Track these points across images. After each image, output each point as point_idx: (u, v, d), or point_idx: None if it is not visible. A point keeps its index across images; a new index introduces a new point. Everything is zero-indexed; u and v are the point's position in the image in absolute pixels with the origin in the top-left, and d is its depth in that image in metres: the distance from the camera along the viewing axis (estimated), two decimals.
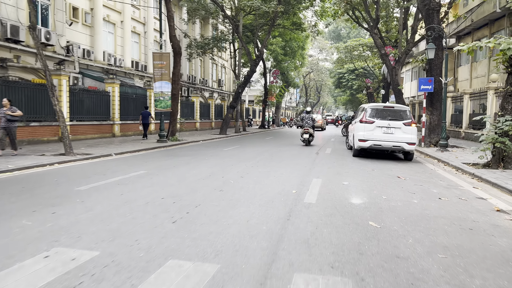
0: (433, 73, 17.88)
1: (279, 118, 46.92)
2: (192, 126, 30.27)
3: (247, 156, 12.18)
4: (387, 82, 38.22)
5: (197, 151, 13.87)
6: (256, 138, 22.89)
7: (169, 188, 6.75)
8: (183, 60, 33.40)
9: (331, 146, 17.48)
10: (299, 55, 44.67)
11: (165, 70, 18.04)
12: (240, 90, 26.04)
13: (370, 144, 12.04)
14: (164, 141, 17.62)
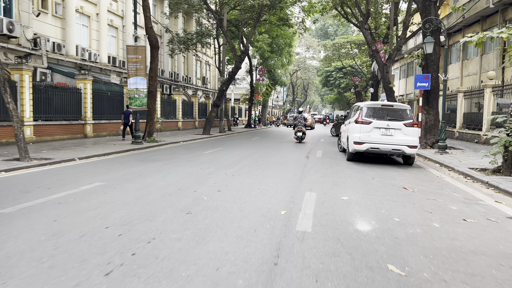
0: (429, 70, 16.65)
1: (265, 117, 45.49)
2: (174, 125, 28.60)
3: (229, 161, 10.67)
4: (376, 80, 37.12)
5: (173, 155, 12.30)
6: (241, 139, 21.40)
7: (121, 210, 5.21)
8: (165, 56, 31.70)
9: (321, 148, 16.10)
10: (286, 53, 43.28)
11: (140, 65, 16.40)
12: (225, 88, 24.49)
13: (367, 147, 10.67)
14: (140, 143, 16.01)
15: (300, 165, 10.17)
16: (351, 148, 11.10)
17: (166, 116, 27.62)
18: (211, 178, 7.82)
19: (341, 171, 9.32)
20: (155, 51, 17.53)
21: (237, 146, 16.15)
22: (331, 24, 66.37)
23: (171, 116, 28.21)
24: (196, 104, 32.59)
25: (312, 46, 58.80)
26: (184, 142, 18.72)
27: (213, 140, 20.21)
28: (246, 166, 9.76)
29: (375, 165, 10.75)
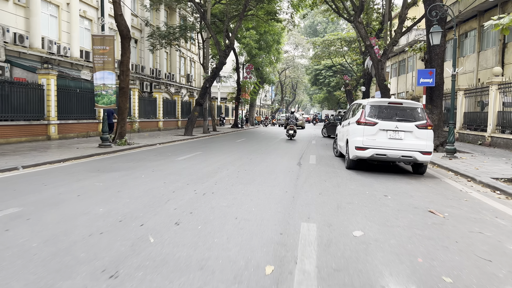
0: (433, 64, 14.88)
1: (253, 117, 43.50)
2: (154, 125, 26.42)
3: (204, 172, 8.65)
4: (368, 78, 35.44)
5: (139, 162, 10.23)
6: (226, 141, 19.37)
7: (12, 268, 3.17)
8: (145, 52, 29.48)
9: (314, 151, 14.17)
10: (275, 50, 41.35)
11: (108, 57, 14.24)
12: (208, 85, 22.44)
13: (372, 153, 8.76)
14: (108, 146, 13.89)
15: (291, 177, 8.21)
16: (352, 154, 9.18)
17: (146, 116, 25.45)
18: (173, 199, 5.80)
19: (343, 185, 7.38)
20: (126, 42, 15.40)
21: (219, 149, 14.12)
22: (320, 22, 64.64)
23: (151, 116, 26.02)
24: (178, 102, 30.41)
25: (301, 44, 56.90)
26: (160, 144, 16.62)
27: (193, 142, 18.15)
28: (224, 178, 7.75)
29: (381, 175, 8.85)
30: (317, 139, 22.01)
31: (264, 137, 22.59)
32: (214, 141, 19.22)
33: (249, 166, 9.54)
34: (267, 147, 15.55)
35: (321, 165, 10.29)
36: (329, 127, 24.59)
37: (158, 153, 12.61)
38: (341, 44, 41.72)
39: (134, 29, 28.37)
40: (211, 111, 29.08)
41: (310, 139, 22.05)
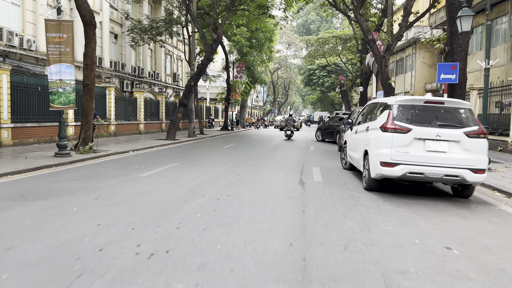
0: (455, 57, 12.46)
1: (244, 118, 40.91)
2: (134, 128, 23.69)
3: (169, 201, 6.04)
4: (366, 78, 33.12)
5: (89, 181, 7.58)
6: (211, 147, 16.78)
7: None
8: (127, 48, 26.74)
9: (316, 161, 11.64)
10: (267, 48, 38.84)
11: (65, 48, 11.57)
12: (193, 83, 19.82)
13: (404, 171, 6.26)
14: (66, 155, 11.26)
15: (294, 208, 5.63)
16: (374, 171, 6.67)
17: (126, 118, 22.74)
18: (88, 274, 3.20)
19: (374, 225, 4.84)
20: (91, 30, 12.72)
21: (201, 160, 11.51)
22: (313, 21, 62.37)
23: (131, 118, 23.31)
24: (162, 103, 27.70)
25: (294, 43, 54.47)
26: (134, 151, 13.99)
27: (173, 149, 15.52)
28: (195, 214, 5.16)
29: (414, 200, 6.34)
30: (314, 144, 19.53)
31: (256, 142, 20.03)
32: (198, 147, 16.61)
33: (235, 188, 6.95)
34: (259, 156, 13.00)
35: (330, 183, 7.75)
36: (324, 130, 22.23)
37: (123, 165, 9.98)
38: (336, 42, 39.39)
39: (114, 23, 25.66)
40: (198, 112, 26.46)
41: (306, 143, 19.56)
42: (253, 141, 20.45)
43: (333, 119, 21.97)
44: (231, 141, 20.53)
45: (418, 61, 35.25)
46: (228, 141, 20.09)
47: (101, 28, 24.01)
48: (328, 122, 22.27)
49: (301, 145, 18.28)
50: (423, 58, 35.53)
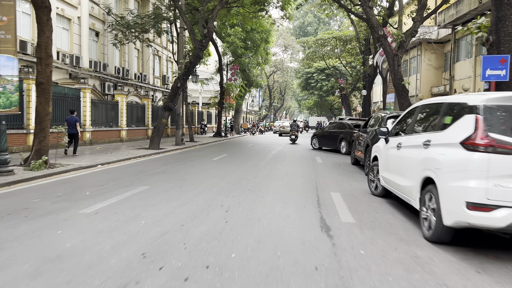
0: (502, 49, 9.83)
1: (239, 124, 38.19)
2: (115, 135, 20.84)
3: (97, 282, 3.27)
4: (369, 80, 30.59)
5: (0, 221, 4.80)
6: (199, 159, 14.01)
7: None
8: (109, 47, 23.94)
9: (331, 180, 8.87)
10: (262, 50, 36.26)
11: (5, 34, 8.81)
12: (180, 84, 17.07)
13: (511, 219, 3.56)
14: (8, 173, 8.51)
15: None
16: (453, 216, 3.94)
17: (105, 124, 19.92)
18: None
19: None
20: (43, 14, 9.95)
21: (179, 181, 8.71)
22: (310, 23, 60.05)
23: (111, 124, 20.48)
24: (149, 107, 24.88)
25: (290, 45, 51.96)
26: (104, 165, 11.21)
27: (152, 162, 12.72)
28: None
29: None
30: (319, 154, 16.82)
31: (252, 151, 17.28)
32: (183, 158, 13.84)
33: (219, 247, 4.07)
34: (257, 172, 10.23)
35: (368, 227, 4.98)
36: (322, 137, 19.49)
37: (71, 190, 7.18)
38: (336, 43, 36.90)
39: (95, 19, 22.89)
40: (188, 117, 23.70)
41: (310, 153, 16.85)
42: (249, 150, 17.71)
43: (335, 124, 19.34)
44: (223, 150, 17.77)
45: (423, 63, 32.79)
46: (220, 151, 17.32)
47: (79, 24, 21.25)
48: (328, 128, 19.53)
49: (305, 155, 15.56)
50: (429, 60, 33.08)
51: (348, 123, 17.34)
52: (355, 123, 17.17)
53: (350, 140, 15.55)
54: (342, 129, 17.45)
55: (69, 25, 20.80)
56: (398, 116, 9.75)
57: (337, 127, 18.35)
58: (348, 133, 16.56)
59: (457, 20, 26.59)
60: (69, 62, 19.85)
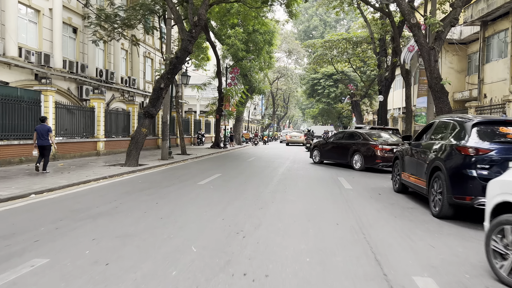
0: None
1: (240, 133, 34.47)
2: (90, 148, 17.10)
3: None
4: (386, 85, 26.85)
5: None
6: (180, 183, 10.20)
7: None
8: (90, 46, 20.35)
9: (388, 230, 5.01)
10: (265, 53, 32.70)
11: None
12: (163, 84, 13.38)
13: None
14: None
15: None
16: None
17: (77, 134, 16.25)
18: None
19: None
20: None
21: (120, 240, 4.92)
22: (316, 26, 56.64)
23: (85, 134, 16.78)
24: (134, 114, 21.18)
25: (295, 49, 48.38)
26: (39, 195, 7.48)
27: (111, 189, 8.89)
28: None
29: None
30: (340, 173, 13.02)
31: (254, 170, 13.47)
32: (158, 182, 10.04)
33: None
34: (260, 216, 6.34)
35: None
36: (326, 150, 15.91)
37: None
38: (345, 46, 33.30)
39: (72, 12, 19.39)
40: (180, 126, 19.99)
41: (327, 172, 13.05)
42: (250, 168, 13.90)
43: (343, 134, 15.72)
44: (217, 167, 13.98)
45: (444, 66, 29.03)
46: (213, 168, 13.53)
47: (51, 17, 17.72)
48: (334, 139, 15.97)
49: (323, 175, 11.74)
50: (450, 63, 29.37)
51: (362, 133, 14.37)
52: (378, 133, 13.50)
53: (367, 153, 13.17)
54: (354, 140, 14.28)
55: (37, 18, 17.25)
56: (489, 122, 6.00)
57: (347, 137, 14.99)
58: (362, 144, 13.65)
59: (487, 16, 22.87)
60: (35, 60, 16.26)
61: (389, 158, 12.13)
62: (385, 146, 12.87)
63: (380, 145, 12.89)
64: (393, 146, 12.67)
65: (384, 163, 12.58)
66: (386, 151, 12.72)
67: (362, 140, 13.75)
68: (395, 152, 9.47)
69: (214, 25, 32.08)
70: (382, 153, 12.71)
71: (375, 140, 13.33)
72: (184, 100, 33.05)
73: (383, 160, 12.61)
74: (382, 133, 14.53)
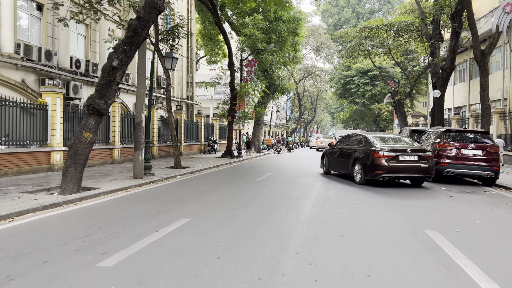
0: None
1: (259, 139, 28.90)
2: (39, 161, 12.03)
3: None
4: (444, 77, 20.63)
5: None
6: (71, 259, 4.67)
7: None
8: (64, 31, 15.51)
9: None
10: (290, 45, 27.19)
11: None
12: (117, 62, 8.14)
13: None
14: None
15: None
16: None
17: (18, 141, 11.29)
18: None
19: None
20: None
21: None
22: (347, 19, 50.56)
23: (34, 141, 11.78)
24: (115, 116, 16.09)
25: (324, 44, 42.30)
26: None
27: None
28: None
29: None
30: (410, 206, 7.20)
31: (260, 203, 7.82)
32: (51, 243, 4.62)
33: None
34: None
35: None
36: (331, 157, 12.73)
37: None
38: (385, 36, 27.21)
39: None
40: (172, 129, 14.71)
41: (392, 211, 7.30)
42: (252, 200, 8.19)
43: (351, 139, 12.19)
44: (200, 197, 8.40)
45: None
46: (191, 201, 7.94)
47: None
48: (340, 145, 12.76)
49: (399, 227, 5.95)
50: None
51: (365, 136, 11.25)
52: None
53: (366, 162, 10.24)
54: (356, 146, 11.28)
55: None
56: None
57: (351, 143, 11.86)
58: (362, 151, 10.66)
59: None
60: None
61: (395, 168, 9.66)
62: (388, 153, 9.79)
63: (381, 151, 9.89)
64: (402, 153, 9.83)
65: (388, 174, 9.71)
66: (390, 159, 9.73)
67: (363, 146, 10.81)
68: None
69: (230, 14, 27.03)
70: (383, 161, 9.70)
71: (381, 145, 10.35)
72: (195, 101, 27.98)
73: (385, 171, 9.67)
74: (400, 137, 11.30)
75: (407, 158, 9.73)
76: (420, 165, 9.67)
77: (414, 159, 9.74)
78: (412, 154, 9.75)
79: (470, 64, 27.50)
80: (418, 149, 9.97)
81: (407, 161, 9.73)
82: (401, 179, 10.34)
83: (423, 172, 9.70)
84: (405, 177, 10.06)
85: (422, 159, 9.73)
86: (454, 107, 29.63)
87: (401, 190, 9.54)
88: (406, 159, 9.74)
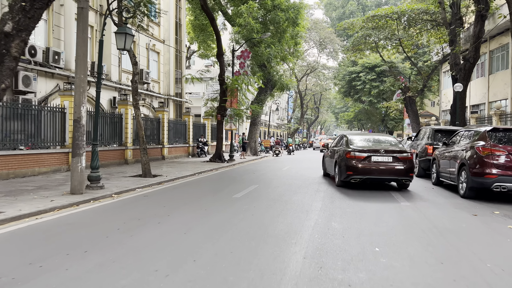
0: None
1: (256, 141, 25.92)
2: None
3: None
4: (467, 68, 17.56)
5: None
6: None
7: None
8: None
9: None
10: (289, 37, 24.27)
11: None
12: (10, 26, 5.30)
13: None
14: None
15: None
16: None
17: None
18: None
19: None
20: None
21: None
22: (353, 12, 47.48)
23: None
24: (71, 112, 13.25)
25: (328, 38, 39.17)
26: None
27: None
28: None
29: None
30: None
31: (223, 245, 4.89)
32: None
33: None
34: None
35: None
36: (325, 159, 12.16)
37: None
38: (395, 27, 24.19)
39: None
40: (140, 129, 11.82)
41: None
42: (216, 236, 5.28)
43: (338, 139, 11.49)
44: (134, 239, 5.48)
45: None
46: (112, 247, 5.05)
47: None
48: (331, 146, 11.86)
49: None
50: None
51: (346, 136, 10.45)
52: None
53: (341, 163, 9.55)
54: (338, 147, 10.60)
55: None
56: None
57: (337, 143, 11.14)
58: (340, 152, 9.90)
59: None
60: None
61: (367, 169, 9.05)
62: (359, 153, 9.20)
63: (353, 151, 9.33)
64: (374, 153, 9.15)
65: (359, 176, 9.14)
66: (361, 160, 9.15)
67: (343, 146, 10.18)
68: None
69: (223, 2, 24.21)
70: (353, 162, 9.16)
71: (356, 145, 9.70)
72: (184, 99, 25.11)
73: (356, 172, 9.12)
74: (386, 139, 10.26)
75: (380, 159, 9.13)
76: (395, 166, 9.04)
77: (388, 160, 9.11)
78: (385, 155, 9.10)
79: (489, 57, 24.35)
80: (393, 150, 9.23)
81: (380, 162, 9.12)
82: (375, 182, 9.70)
83: (399, 174, 9.05)
84: (379, 180, 9.44)
85: (397, 160, 9.08)
86: (471, 105, 26.50)
87: (439, 217, 6.55)
88: (379, 160, 9.14)
